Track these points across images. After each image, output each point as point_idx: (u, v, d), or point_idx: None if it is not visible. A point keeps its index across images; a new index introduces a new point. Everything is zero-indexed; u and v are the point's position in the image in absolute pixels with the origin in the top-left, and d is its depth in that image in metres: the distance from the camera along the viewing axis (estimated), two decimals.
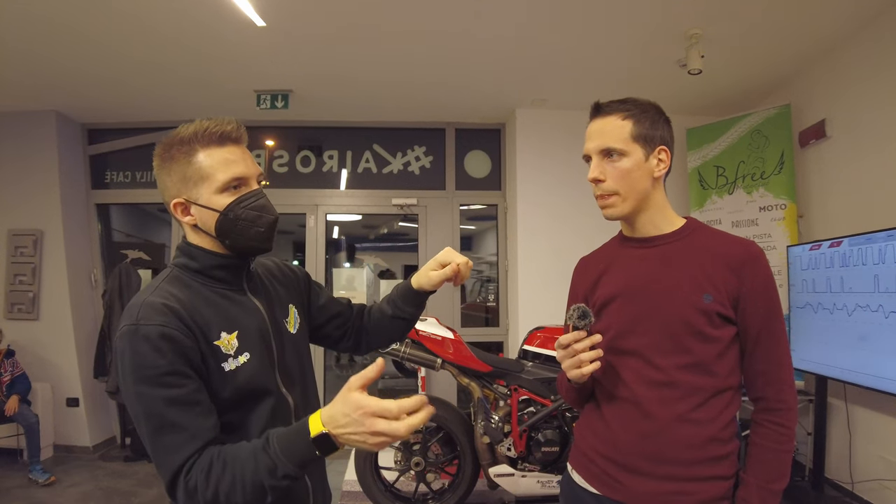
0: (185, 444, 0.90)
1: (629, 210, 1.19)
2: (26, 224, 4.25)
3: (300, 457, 0.87)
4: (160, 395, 0.90)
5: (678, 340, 1.13)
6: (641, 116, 1.18)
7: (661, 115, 1.21)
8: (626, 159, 1.16)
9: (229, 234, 1.04)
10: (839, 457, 3.23)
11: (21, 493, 3.54)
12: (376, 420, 0.82)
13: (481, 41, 3.25)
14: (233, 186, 1.03)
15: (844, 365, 2.84)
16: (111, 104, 4.21)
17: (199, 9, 2.84)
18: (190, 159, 1.01)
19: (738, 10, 2.89)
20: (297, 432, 0.88)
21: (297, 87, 3.92)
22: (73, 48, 3.26)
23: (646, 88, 3.91)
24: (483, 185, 4.79)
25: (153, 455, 0.92)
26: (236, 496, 0.88)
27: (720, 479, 1.13)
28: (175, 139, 1.03)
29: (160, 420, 0.90)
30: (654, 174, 1.18)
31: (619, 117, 1.18)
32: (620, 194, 1.18)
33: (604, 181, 1.18)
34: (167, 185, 1.05)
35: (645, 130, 1.17)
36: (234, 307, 1.06)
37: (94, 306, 4.51)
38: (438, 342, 2.94)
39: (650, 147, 1.18)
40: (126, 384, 0.92)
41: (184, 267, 1.06)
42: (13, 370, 3.90)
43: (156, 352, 0.91)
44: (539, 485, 2.91)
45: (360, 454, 2.99)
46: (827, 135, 3.43)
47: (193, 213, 1.04)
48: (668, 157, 1.20)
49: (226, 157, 1.02)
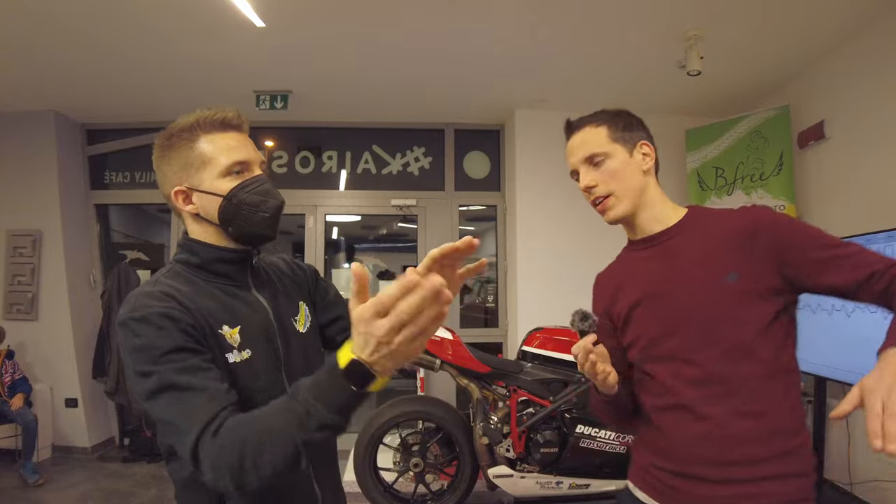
0: (205, 406, 0.83)
1: (629, 208, 1.18)
2: (25, 224, 4.24)
3: (334, 397, 0.73)
4: (169, 368, 0.85)
5: (707, 331, 1.08)
6: (613, 120, 1.20)
7: (632, 117, 1.23)
8: (611, 160, 1.17)
9: (233, 221, 1.00)
10: (838, 457, 3.23)
11: (19, 493, 3.53)
12: (378, 323, 0.65)
13: (480, 42, 3.25)
14: (235, 171, 1.00)
15: (843, 366, 2.84)
16: (110, 104, 4.21)
17: (198, 9, 2.84)
18: (192, 145, 0.99)
19: (737, 11, 2.89)
20: (326, 371, 0.74)
21: (296, 87, 3.92)
22: (72, 48, 3.25)
23: (645, 89, 3.91)
24: (482, 186, 4.79)
25: (173, 429, 0.85)
26: (264, 457, 0.77)
27: (794, 477, 1.05)
28: (175, 128, 1.01)
29: (173, 388, 0.84)
30: (643, 168, 1.19)
31: (593, 126, 1.20)
32: (615, 194, 1.18)
33: (596, 186, 1.18)
34: (167, 175, 1.02)
35: (620, 130, 1.19)
36: (237, 303, 1.02)
37: (93, 307, 4.51)
38: (437, 343, 2.94)
39: (630, 144, 1.19)
40: (131, 370, 0.88)
41: (185, 262, 1.02)
42: (14, 372, 3.90)
43: (158, 331, 0.87)
44: (538, 486, 2.91)
45: (358, 455, 2.99)
46: (826, 136, 3.43)
47: (195, 200, 1.01)
48: (652, 150, 1.21)
49: (228, 143, 1.00)
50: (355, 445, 3.02)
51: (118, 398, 4.20)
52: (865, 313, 2.69)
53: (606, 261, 1.37)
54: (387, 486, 3.08)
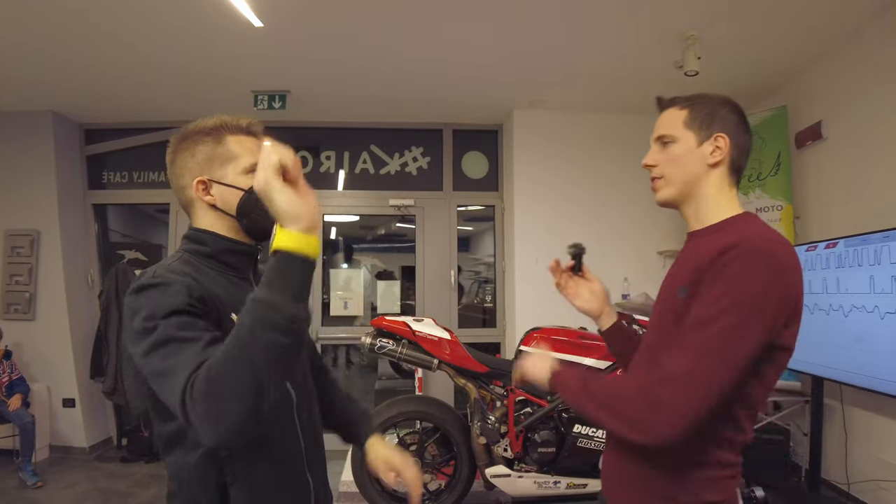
0: (200, 352, 0.83)
1: (674, 194, 1.17)
2: (23, 224, 4.24)
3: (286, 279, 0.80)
4: (173, 323, 0.87)
5: (652, 349, 1.11)
6: (699, 105, 1.17)
7: (725, 106, 1.17)
8: (676, 145, 1.15)
9: (249, 214, 1.07)
10: (835, 458, 3.23)
11: (17, 493, 3.53)
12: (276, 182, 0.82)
13: (479, 42, 3.25)
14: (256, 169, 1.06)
15: (840, 366, 2.84)
16: (108, 104, 4.21)
17: (196, 9, 2.83)
18: (219, 141, 1.08)
19: (734, 11, 2.89)
20: (268, 264, 0.82)
21: (294, 87, 3.92)
22: (70, 47, 3.25)
23: (642, 90, 3.91)
24: (480, 186, 4.79)
25: (165, 379, 0.84)
26: (230, 382, 0.76)
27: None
28: (197, 128, 1.09)
29: (174, 341, 0.85)
30: (708, 161, 1.14)
31: (677, 108, 1.18)
32: (666, 177, 1.17)
33: (654, 166, 1.19)
34: (188, 166, 1.08)
35: (700, 118, 1.15)
36: (242, 294, 1.01)
37: (91, 307, 4.50)
38: (435, 343, 2.94)
39: (705, 133, 1.14)
40: (132, 333, 0.89)
41: (194, 252, 1.08)
42: (11, 372, 3.89)
43: (177, 293, 0.91)
44: (535, 485, 2.91)
45: (356, 455, 2.99)
46: (823, 136, 3.44)
47: (214, 192, 1.07)
48: (727, 145, 1.14)
49: (251, 146, 1.10)
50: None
51: (116, 398, 4.19)
52: (863, 313, 2.70)
53: (605, 261, 1.40)
54: (384, 486, 3.08)
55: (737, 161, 1.16)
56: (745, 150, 1.17)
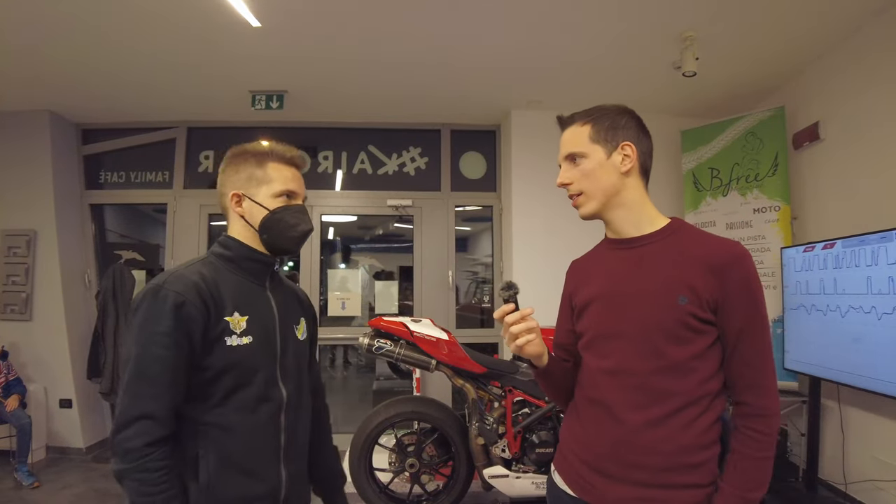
0: (148, 400, 1.07)
1: (597, 207, 1.22)
2: (20, 224, 4.23)
3: None
4: (152, 349, 1.09)
5: (652, 344, 1.12)
6: (600, 118, 1.22)
7: (623, 115, 1.23)
8: (587, 160, 1.21)
9: (269, 230, 1.26)
10: (833, 458, 3.24)
11: (13, 494, 3.52)
12: None
13: (476, 43, 3.25)
14: (286, 195, 1.27)
15: (838, 366, 2.85)
16: (105, 104, 4.20)
17: (194, 9, 2.83)
18: (261, 165, 1.26)
19: (732, 12, 2.90)
20: None
21: (291, 87, 3.91)
22: (67, 47, 3.24)
23: (640, 90, 3.93)
24: (478, 187, 4.79)
25: (122, 393, 1.08)
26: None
27: (695, 487, 1.11)
28: (251, 149, 1.28)
29: (142, 369, 1.09)
30: (621, 170, 1.20)
31: (580, 124, 1.23)
32: (586, 193, 1.22)
33: (570, 184, 1.23)
34: (231, 179, 1.27)
35: (604, 130, 1.20)
36: (252, 296, 1.25)
37: (88, 307, 4.49)
38: (433, 343, 2.94)
39: (611, 145, 1.20)
40: (132, 329, 1.11)
41: (218, 255, 1.27)
42: (8, 373, 3.88)
43: (165, 314, 1.10)
44: (533, 486, 2.91)
45: (354, 456, 2.99)
46: (820, 137, 3.45)
47: (245, 206, 1.26)
48: (634, 152, 1.20)
49: (287, 175, 1.28)
50: (351, 446, 3.02)
51: (113, 399, 4.18)
52: (860, 314, 2.70)
53: None
54: (382, 486, 3.08)
55: (645, 164, 1.23)
56: (650, 153, 1.24)
